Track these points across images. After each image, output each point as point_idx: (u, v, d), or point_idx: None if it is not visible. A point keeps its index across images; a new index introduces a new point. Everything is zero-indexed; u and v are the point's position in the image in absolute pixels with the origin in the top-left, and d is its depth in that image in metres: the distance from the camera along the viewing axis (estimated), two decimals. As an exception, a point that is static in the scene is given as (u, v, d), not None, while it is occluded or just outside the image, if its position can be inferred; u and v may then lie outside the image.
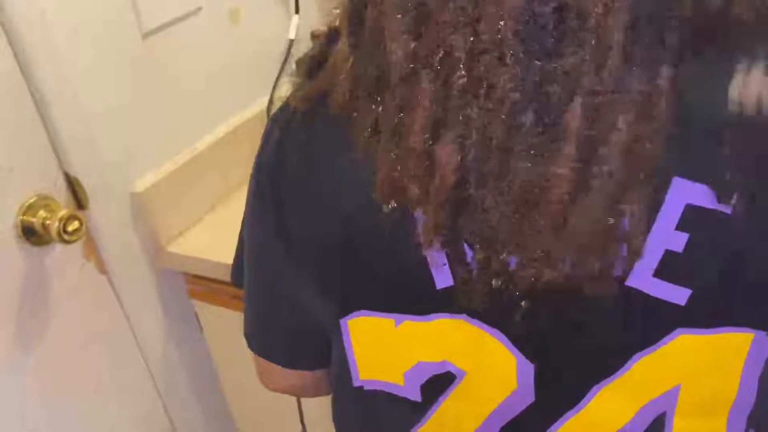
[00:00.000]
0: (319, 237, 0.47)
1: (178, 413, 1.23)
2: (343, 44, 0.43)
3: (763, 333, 0.39)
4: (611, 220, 0.36)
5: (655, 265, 0.38)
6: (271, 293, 0.56)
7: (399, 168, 0.39)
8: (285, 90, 1.30)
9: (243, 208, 0.55)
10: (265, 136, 0.52)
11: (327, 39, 0.46)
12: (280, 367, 0.61)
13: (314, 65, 0.46)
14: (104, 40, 0.96)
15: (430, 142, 0.37)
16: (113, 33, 0.97)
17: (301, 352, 0.59)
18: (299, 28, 1.30)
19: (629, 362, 0.41)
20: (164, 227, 1.10)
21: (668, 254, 0.37)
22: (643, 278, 0.38)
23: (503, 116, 0.35)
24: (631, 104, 0.34)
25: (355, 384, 0.52)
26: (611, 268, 0.37)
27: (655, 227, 0.37)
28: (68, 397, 1.02)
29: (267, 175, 0.50)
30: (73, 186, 0.96)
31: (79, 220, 0.90)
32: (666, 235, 0.37)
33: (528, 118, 0.35)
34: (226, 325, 1.18)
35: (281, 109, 0.51)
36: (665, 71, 0.34)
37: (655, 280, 0.38)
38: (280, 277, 0.52)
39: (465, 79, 0.35)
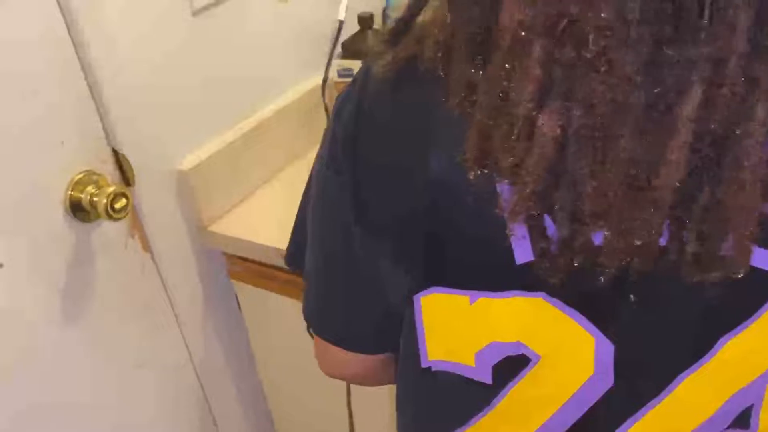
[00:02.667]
0: (401, 206, 0.46)
1: (214, 391, 1.24)
2: (438, 5, 0.42)
3: None
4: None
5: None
6: (341, 270, 0.54)
7: (493, 135, 0.38)
8: (333, 72, 1.29)
9: (287, 190, 0.54)
10: (339, 106, 0.50)
11: (415, 3, 0.44)
12: (344, 350, 0.59)
13: (401, 29, 0.45)
14: (154, 17, 0.95)
15: (534, 112, 0.36)
16: (163, 10, 0.96)
17: (369, 334, 0.58)
18: (349, 10, 1.28)
19: (716, 346, 0.40)
20: (208, 206, 1.09)
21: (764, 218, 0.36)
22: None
23: (616, 95, 0.34)
24: (761, 94, 0.33)
25: (423, 364, 0.51)
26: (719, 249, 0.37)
27: None
28: (110, 371, 1.03)
29: (343, 147, 0.48)
30: (120, 163, 0.96)
31: (127, 197, 0.90)
32: None
33: (642, 99, 0.34)
34: (264, 307, 1.18)
35: (357, 78, 0.50)
36: None
37: (759, 249, 0.37)
38: (354, 252, 0.51)
39: (592, 54, 0.34)
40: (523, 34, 0.36)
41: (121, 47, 0.91)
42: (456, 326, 0.47)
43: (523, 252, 0.41)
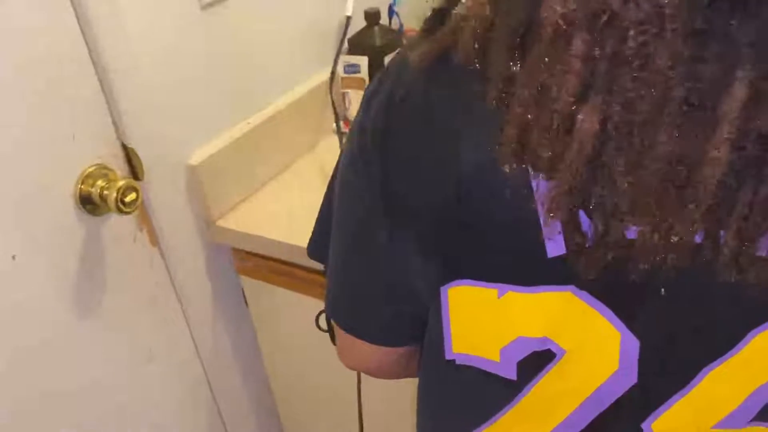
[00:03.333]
0: (432, 198, 0.45)
1: (221, 385, 1.25)
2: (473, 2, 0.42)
3: None
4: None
5: None
6: (367, 262, 0.54)
7: (531, 129, 0.38)
8: (339, 67, 1.29)
9: (295, 186, 0.53)
10: (368, 97, 0.50)
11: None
12: (367, 343, 0.59)
13: (437, 19, 0.45)
14: (164, 11, 0.95)
15: (574, 107, 0.36)
16: (173, 4, 0.96)
17: (395, 326, 0.57)
18: (356, 6, 1.28)
19: (744, 340, 0.40)
20: (216, 201, 1.10)
21: None
22: None
23: (655, 90, 0.34)
24: None
25: (448, 357, 0.51)
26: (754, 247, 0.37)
27: None
28: (119, 363, 1.03)
29: (372, 138, 0.48)
30: (129, 157, 0.96)
31: (137, 191, 0.90)
32: None
33: (679, 94, 0.34)
34: (271, 302, 1.19)
35: (389, 69, 0.49)
36: None
37: None
38: (380, 244, 0.51)
39: (632, 50, 0.34)
40: (564, 27, 0.36)
41: (131, 41, 0.91)
42: (482, 320, 0.47)
43: (555, 246, 0.41)
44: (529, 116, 0.38)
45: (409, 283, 0.51)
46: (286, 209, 1.10)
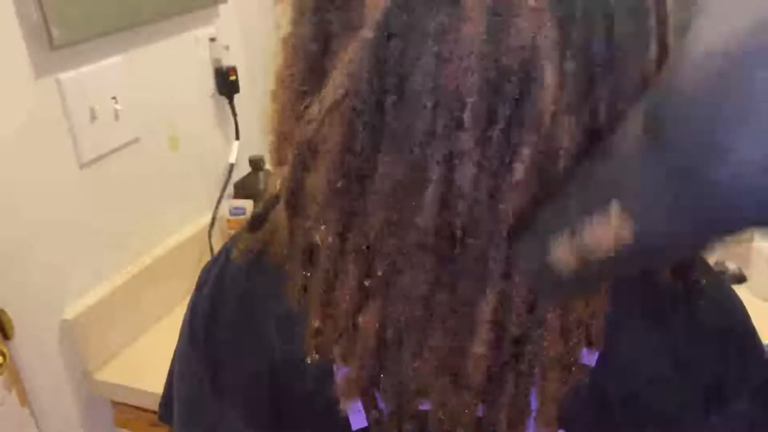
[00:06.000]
0: (248, 384, 0.49)
1: None
2: (280, 210, 0.46)
3: None
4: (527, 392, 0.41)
5: None
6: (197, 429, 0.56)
7: (324, 329, 0.43)
8: (225, 210, 1.33)
9: (174, 333, 0.56)
10: (200, 282, 0.54)
11: (270, 201, 0.49)
12: None
13: (257, 223, 0.50)
14: (41, 168, 0.98)
15: (355, 312, 0.41)
16: (49, 161, 0.99)
17: None
18: (239, 153, 1.35)
19: None
20: (93, 354, 1.08)
21: None
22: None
23: (417, 308, 0.39)
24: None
25: None
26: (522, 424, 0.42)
27: None
28: None
29: (201, 323, 0.52)
30: (-2, 316, 0.95)
31: (3, 354, 0.89)
32: None
33: (443, 303, 0.39)
34: (153, 454, 1.15)
35: (216, 259, 0.54)
36: None
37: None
38: (209, 416, 0.53)
39: (385, 271, 0.39)
40: (337, 252, 0.41)
41: (5, 197, 0.92)
42: None
43: (358, 419, 0.45)
44: (319, 319, 0.43)
45: None
46: (166, 359, 1.09)
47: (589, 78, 0.34)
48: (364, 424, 0.45)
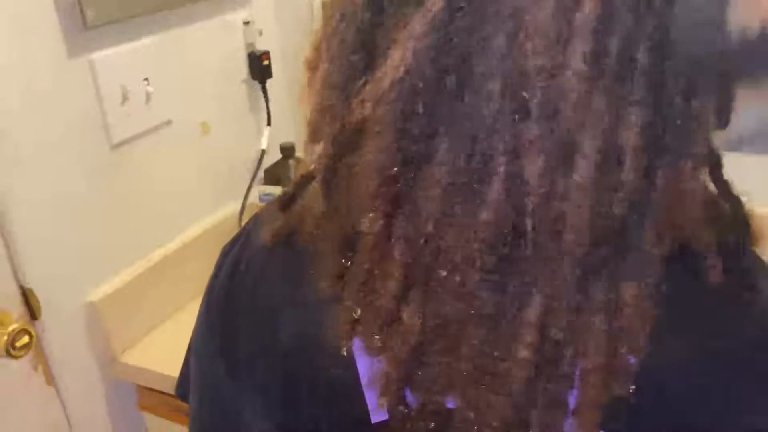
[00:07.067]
0: (264, 368, 0.47)
1: None
2: (316, 190, 0.44)
3: None
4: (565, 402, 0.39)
5: None
6: (215, 410, 0.54)
7: (360, 319, 0.41)
8: (255, 197, 1.32)
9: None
10: (222, 257, 0.52)
11: (303, 180, 0.47)
12: None
13: (288, 201, 0.48)
14: (70, 150, 0.97)
15: (398, 306, 0.39)
16: (80, 142, 0.98)
17: None
18: (270, 139, 1.33)
19: None
20: (118, 337, 1.08)
21: None
22: None
23: (463, 298, 0.37)
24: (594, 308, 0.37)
25: None
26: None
27: None
28: None
29: (217, 300, 0.51)
30: (27, 296, 0.95)
31: (30, 334, 0.89)
32: None
33: (487, 308, 0.37)
34: (175, 438, 1.15)
35: (243, 233, 0.52)
36: None
37: None
38: (223, 395, 0.52)
39: (444, 271, 0.37)
40: (382, 240, 0.38)
41: (33, 181, 0.92)
42: None
43: (378, 413, 0.43)
44: (357, 309, 0.41)
45: None
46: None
47: (660, 72, 0.32)
48: (385, 417, 0.43)
